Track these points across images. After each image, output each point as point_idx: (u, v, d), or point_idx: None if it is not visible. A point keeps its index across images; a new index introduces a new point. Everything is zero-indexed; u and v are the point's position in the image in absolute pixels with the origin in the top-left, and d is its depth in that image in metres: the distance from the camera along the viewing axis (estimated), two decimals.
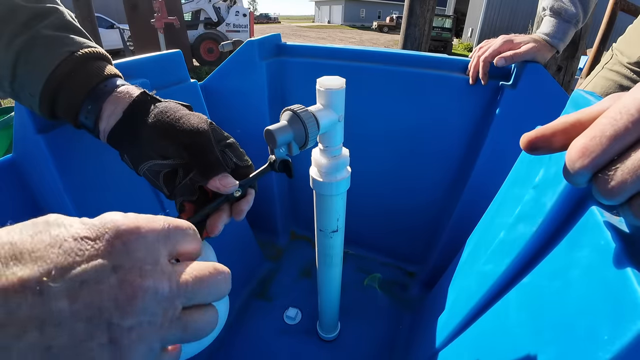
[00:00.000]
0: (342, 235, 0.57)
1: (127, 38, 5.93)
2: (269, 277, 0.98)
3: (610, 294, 0.21)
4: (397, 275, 0.99)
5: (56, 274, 0.15)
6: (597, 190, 0.19)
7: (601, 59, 0.90)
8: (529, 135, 0.22)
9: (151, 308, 0.17)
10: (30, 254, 0.15)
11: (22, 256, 0.15)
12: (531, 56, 0.63)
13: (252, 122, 0.89)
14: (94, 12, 3.95)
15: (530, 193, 0.35)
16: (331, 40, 15.40)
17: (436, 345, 0.55)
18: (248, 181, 0.35)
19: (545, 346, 0.27)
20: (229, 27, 6.83)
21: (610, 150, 0.17)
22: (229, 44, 2.17)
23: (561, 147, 0.21)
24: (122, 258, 0.17)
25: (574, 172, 0.19)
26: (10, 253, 0.15)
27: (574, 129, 0.21)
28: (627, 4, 1.74)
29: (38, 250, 0.15)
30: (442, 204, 0.88)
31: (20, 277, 0.14)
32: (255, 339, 0.79)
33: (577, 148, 0.19)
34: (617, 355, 0.19)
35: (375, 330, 0.83)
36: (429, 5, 2.83)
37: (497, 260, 0.39)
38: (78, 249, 0.16)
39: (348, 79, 0.44)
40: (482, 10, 11.39)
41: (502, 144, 0.68)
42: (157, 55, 0.66)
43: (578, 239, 0.27)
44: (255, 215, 1.03)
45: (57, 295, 0.15)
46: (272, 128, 0.35)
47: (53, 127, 0.50)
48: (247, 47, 0.80)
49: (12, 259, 0.15)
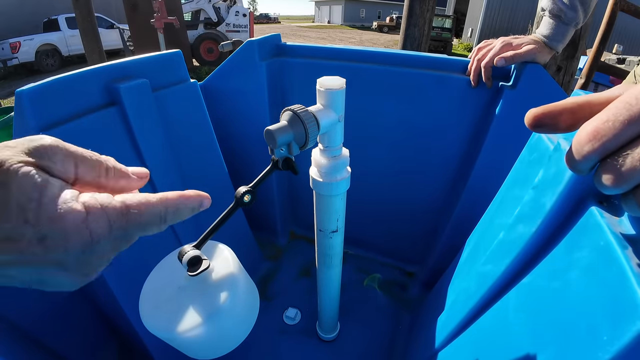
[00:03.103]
0: (342, 235, 0.57)
1: (127, 38, 5.92)
2: (269, 277, 0.98)
3: (609, 295, 0.21)
4: (397, 276, 0.99)
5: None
6: (603, 177, 0.18)
7: (623, 81, 0.88)
8: (535, 111, 0.21)
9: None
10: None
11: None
12: (531, 57, 0.63)
13: (252, 122, 0.89)
14: (94, 12, 3.94)
15: (529, 193, 0.35)
16: (331, 40, 15.40)
17: (435, 345, 0.55)
18: (256, 184, 0.35)
19: (545, 346, 0.27)
20: (229, 27, 6.83)
21: (623, 135, 0.17)
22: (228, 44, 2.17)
23: (566, 127, 0.21)
24: (71, 262, 0.19)
25: (581, 156, 0.19)
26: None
27: (581, 111, 0.20)
28: (627, 4, 1.74)
29: None
30: (441, 204, 0.88)
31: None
32: (255, 339, 0.79)
33: (588, 131, 0.18)
34: (616, 355, 0.19)
35: (374, 331, 0.83)
36: (429, 5, 2.82)
37: (497, 261, 0.39)
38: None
39: (348, 79, 0.44)
40: (482, 10, 11.39)
41: (501, 145, 0.68)
42: (157, 55, 0.66)
43: (577, 239, 0.27)
44: (254, 215, 1.03)
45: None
46: (272, 128, 0.35)
47: (53, 126, 0.50)
48: (247, 47, 0.80)
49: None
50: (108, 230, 0.20)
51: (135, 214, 0.21)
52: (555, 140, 0.33)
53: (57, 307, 0.63)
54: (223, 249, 0.39)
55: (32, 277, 0.19)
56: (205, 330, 0.31)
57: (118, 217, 0.21)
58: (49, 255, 0.18)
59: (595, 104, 0.20)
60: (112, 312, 0.67)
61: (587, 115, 0.19)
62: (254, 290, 0.40)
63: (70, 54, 7.26)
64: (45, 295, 0.60)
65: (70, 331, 0.65)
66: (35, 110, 0.48)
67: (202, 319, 0.31)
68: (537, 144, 0.41)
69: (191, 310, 0.32)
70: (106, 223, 0.20)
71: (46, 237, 0.18)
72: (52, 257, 0.19)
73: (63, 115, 0.51)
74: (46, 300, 0.61)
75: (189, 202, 0.24)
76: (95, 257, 0.20)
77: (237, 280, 0.35)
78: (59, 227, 0.18)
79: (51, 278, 0.20)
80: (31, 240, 0.18)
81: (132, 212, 0.21)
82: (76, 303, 0.67)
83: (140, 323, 0.32)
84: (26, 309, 0.57)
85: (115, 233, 0.20)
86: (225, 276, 0.35)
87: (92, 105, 0.56)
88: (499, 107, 0.67)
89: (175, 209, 0.24)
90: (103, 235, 0.20)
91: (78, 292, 0.67)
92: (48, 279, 0.20)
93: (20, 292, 0.56)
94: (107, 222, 0.20)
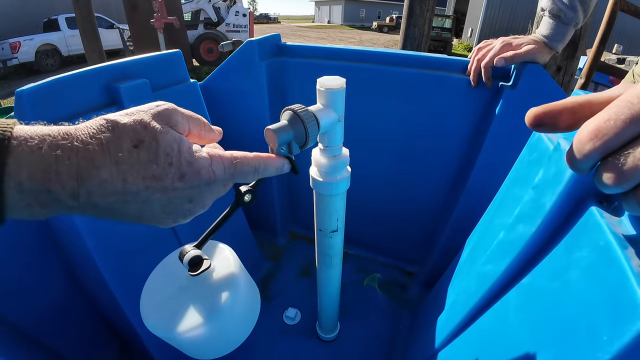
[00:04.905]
0: (342, 235, 0.57)
1: (127, 38, 5.92)
2: (269, 276, 0.98)
3: (609, 295, 0.21)
4: (397, 276, 0.99)
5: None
6: (604, 176, 0.18)
7: (621, 80, 0.88)
8: (535, 110, 0.21)
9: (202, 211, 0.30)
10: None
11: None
12: (531, 57, 0.63)
13: (252, 122, 0.89)
14: (94, 12, 3.93)
15: (529, 193, 0.35)
16: (331, 40, 15.40)
17: (435, 345, 0.55)
18: (256, 184, 0.35)
19: (545, 347, 0.27)
20: (229, 27, 6.82)
21: (624, 134, 0.17)
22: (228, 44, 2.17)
23: (566, 127, 0.21)
24: (196, 195, 0.27)
25: (582, 155, 0.19)
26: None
27: (582, 110, 0.20)
28: (627, 4, 1.74)
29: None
30: (441, 203, 0.88)
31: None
32: (255, 339, 0.79)
33: (589, 129, 0.18)
34: (616, 355, 0.19)
35: (374, 331, 0.83)
36: (429, 5, 2.82)
37: (497, 261, 0.39)
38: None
39: (348, 79, 0.44)
40: (482, 10, 11.38)
41: (501, 145, 0.68)
42: (157, 55, 0.66)
43: (577, 239, 0.27)
44: (255, 215, 1.03)
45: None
46: (273, 128, 0.35)
47: (54, 125, 0.50)
48: (247, 47, 0.80)
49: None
50: (222, 172, 0.27)
51: (239, 163, 0.28)
52: (555, 140, 0.33)
53: (57, 307, 0.63)
54: (224, 249, 0.39)
55: (162, 207, 0.26)
56: (206, 330, 0.31)
57: (229, 164, 0.28)
58: (186, 189, 0.25)
59: (596, 104, 0.20)
60: (112, 312, 0.67)
61: (588, 115, 0.19)
62: (255, 290, 0.40)
63: (70, 54, 7.26)
64: (45, 295, 0.60)
65: (70, 331, 0.65)
66: (35, 110, 0.48)
67: (203, 319, 0.31)
68: (537, 143, 0.41)
69: (192, 310, 0.32)
70: (222, 167, 0.27)
71: (185, 174, 0.25)
72: (187, 190, 0.26)
73: (63, 115, 0.51)
74: (46, 300, 0.61)
75: (275, 163, 0.32)
76: (211, 193, 0.28)
77: (238, 280, 0.35)
78: (195, 168, 0.26)
79: (180, 206, 0.26)
80: (174, 177, 0.25)
81: (237, 162, 0.28)
82: (76, 303, 0.67)
83: (140, 323, 0.32)
84: (26, 309, 0.57)
85: (226, 175, 0.28)
86: (226, 276, 0.35)
87: (92, 105, 0.56)
88: (499, 107, 0.67)
89: (265, 165, 0.31)
90: (220, 176, 0.27)
91: (78, 292, 0.67)
92: (177, 208, 0.26)
93: (20, 292, 0.56)
94: (222, 166, 0.27)
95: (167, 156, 0.24)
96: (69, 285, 0.65)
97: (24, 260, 0.57)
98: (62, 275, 0.64)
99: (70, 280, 0.65)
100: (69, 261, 0.63)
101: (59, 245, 0.61)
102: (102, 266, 0.56)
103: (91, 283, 0.63)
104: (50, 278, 0.62)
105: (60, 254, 0.62)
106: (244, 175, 0.29)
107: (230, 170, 0.28)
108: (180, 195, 0.26)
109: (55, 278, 0.63)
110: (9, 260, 0.54)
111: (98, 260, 0.56)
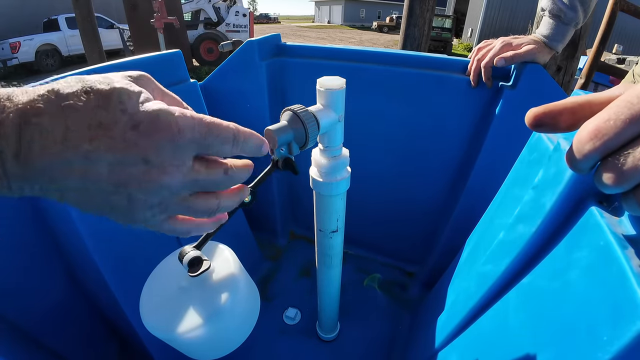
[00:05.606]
0: (342, 235, 0.57)
1: (127, 38, 5.92)
2: (269, 277, 0.98)
3: (609, 295, 0.21)
4: (397, 276, 0.99)
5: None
6: (604, 176, 0.18)
7: (621, 80, 0.89)
8: (535, 110, 0.21)
9: (162, 193, 0.23)
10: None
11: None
12: (531, 57, 0.63)
13: (252, 122, 0.89)
14: (94, 12, 3.94)
15: (529, 193, 0.35)
16: (331, 40, 15.40)
17: (435, 345, 0.55)
18: (256, 184, 0.35)
19: (545, 347, 0.27)
20: (229, 27, 6.82)
21: (624, 134, 0.17)
22: (228, 44, 2.17)
23: (566, 127, 0.21)
24: (153, 154, 0.21)
25: (582, 155, 0.19)
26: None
27: (582, 110, 0.20)
28: (627, 4, 1.74)
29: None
30: (441, 204, 0.88)
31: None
32: (255, 339, 0.79)
33: (589, 129, 0.18)
34: (616, 355, 0.19)
35: (374, 331, 0.83)
36: (429, 5, 2.82)
37: (497, 261, 0.39)
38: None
39: (348, 79, 0.44)
40: (482, 10, 11.38)
41: (501, 145, 0.68)
42: (157, 55, 0.66)
43: (577, 239, 0.27)
44: (255, 215, 1.03)
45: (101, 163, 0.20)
46: (272, 128, 0.35)
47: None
48: (247, 47, 0.80)
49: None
50: (191, 130, 0.22)
51: (213, 124, 0.24)
52: (555, 140, 0.33)
53: (57, 307, 0.63)
54: (223, 250, 0.39)
55: (111, 171, 0.21)
56: (205, 331, 0.31)
57: (200, 124, 0.23)
58: (140, 144, 0.21)
59: (596, 104, 0.20)
60: (112, 313, 0.67)
61: (588, 115, 0.19)
62: (254, 290, 0.40)
63: (70, 54, 7.26)
64: (45, 295, 0.60)
65: (70, 331, 0.65)
66: None
67: (202, 320, 0.31)
68: (537, 143, 0.41)
69: (192, 310, 0.32)
70: (191, 123, 0.22)
71: (140, 123, 0.21)
72: (142, 144, 0.21)
73: None
74: (46, 300, 0.61)
75: (255, 140, 0.27)
76: (176, 157, 0.22)
77: (237, 280, 0.35)
78: (153, 116, 0.21)
79: (133, 169, 0.21)
80: (125, 127, 0.20)
81: (211, 123, 0.24)
82: (76, 303, 0.67)
83: (140, 323, 0.32)
84: (26, 308, 0.57)
85: (195, 134, 0.23)
86: (226, 277, 0.35)
87: None
88: (499, 107, 0.67)
89: (244, 139, 0.26)
90: (187, 134, 0.22)
91: (78, 292, 0.67)
92: (130, 174, 0.21)
93: (20, 292, 0.56)
94: (192, 122, 0.22)
95: (120, 103, 0.20)
96: (69, 285, 0.65)
97: (24, 260, 0.57)
98: (62, 275, 0.64)
99: (70, 280, 0.65)
100: (69, 261, 0.63)
101: (59, 246, 0.61)
102: (102, 266, 0.56)
103: (91, 283, 0.63)
104: (50, 278, 0.62)
105: (60, 254, 0.62)
106: (220, 140, 0.24)
107: (201, 129, 0.23)
108: (132, 152, 0.21)
109: (55, 278, 0.62)
110: (9, 259, 0.54)
111: (98, 260, 0.56)
